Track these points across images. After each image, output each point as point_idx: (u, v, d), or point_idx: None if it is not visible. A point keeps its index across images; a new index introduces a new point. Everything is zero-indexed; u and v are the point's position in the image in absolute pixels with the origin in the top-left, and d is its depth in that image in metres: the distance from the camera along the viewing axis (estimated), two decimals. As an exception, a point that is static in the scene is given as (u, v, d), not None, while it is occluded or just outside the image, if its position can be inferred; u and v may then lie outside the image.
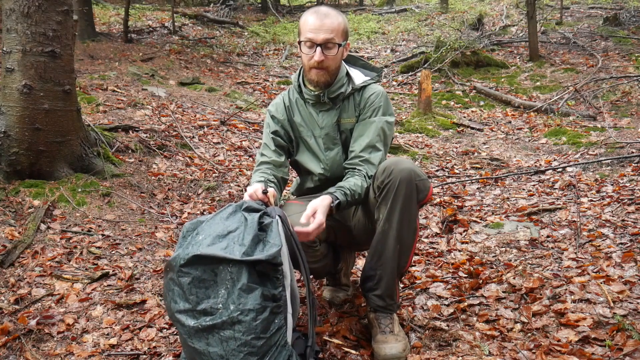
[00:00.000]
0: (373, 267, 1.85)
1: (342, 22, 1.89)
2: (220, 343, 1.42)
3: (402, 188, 1.74)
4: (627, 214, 2.95)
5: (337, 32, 1.86)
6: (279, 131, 2.05)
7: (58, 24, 3.09)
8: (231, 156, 4.47)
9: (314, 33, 1.84)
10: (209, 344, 1.43)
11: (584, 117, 5.88)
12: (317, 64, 1.87)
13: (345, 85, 1.98)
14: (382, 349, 1.80)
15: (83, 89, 5.35)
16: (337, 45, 1.87)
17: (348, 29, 1.94)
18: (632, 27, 9.17)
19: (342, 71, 1.98)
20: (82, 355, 1.87)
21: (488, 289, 2.28)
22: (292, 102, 2.07)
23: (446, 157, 4.85)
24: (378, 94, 1.99)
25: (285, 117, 2.06)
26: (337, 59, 1.92)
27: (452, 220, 3.19)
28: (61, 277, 2.38)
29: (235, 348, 1.41)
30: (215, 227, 1.51)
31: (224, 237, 1.47)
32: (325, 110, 2.00)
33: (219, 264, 1.44)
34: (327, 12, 1.88)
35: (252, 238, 1.47)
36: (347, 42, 1.95)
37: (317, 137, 2.02)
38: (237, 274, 1.42)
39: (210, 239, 1.47)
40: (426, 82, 6.17)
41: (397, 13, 13.66)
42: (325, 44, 1.84)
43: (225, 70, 8.38)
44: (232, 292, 1.42)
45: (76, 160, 3.34)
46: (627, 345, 1.76)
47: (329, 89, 1.95)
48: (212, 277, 1.44)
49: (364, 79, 2.01)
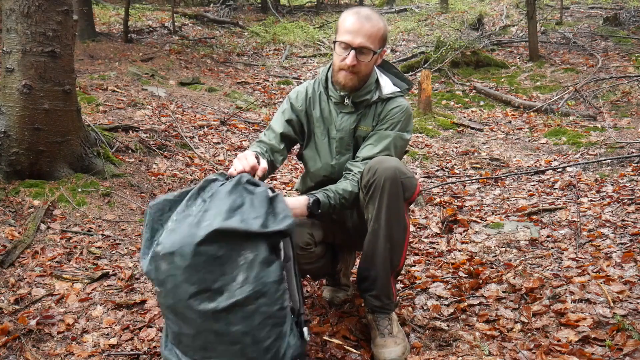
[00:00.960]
0: (367, 268, 1.85)
1: (382, 28, 1.80)
2: (243, 320, 1.38)
3: (387, 187, 1.72)
4: (627, 214, 2.95)
5: (375, 38, 1.78)
6: (293, 120, 1.99)
7: (58, 24, 3.09)
8: (231, 156, 4.47)
9: (352, 35, 1.76)
10: (229, 322, 1.38)
11: (584, 117, 5.88)
12: (348, 68, 1.80)
13: (372, 92, 1.91)
14: (382, 354, 1.80)
15: (83, 89, 5.35)
16: (372, 52, 1.79)
17: (386, 36, 1.84)
18: (632, 27, 9.17)
19: (372, 77, 1.91)
20: (82, 355, 1.87)
21: (488, 289, 2.28)
22: (315, 94, 1.99)
23: (446, 157, 4.85)
24: (402, 108, 1.92)
25: (303, 107, 1.99)
26: (370, 66, 1.85)
27: (452, 220, 3.19)
28: (61, 277, 2.38)
29: (261, 322, 1.40)
30: (220, 202, 1.44)
31: (234, 211, 1.42)
32: (346, 112, 1.93)
33: (238, 238, 1.38)
34: (368, 15, 1.79)
35: (266, 211, 1.44)
36: (384, 49, 1.87)
37: (332, 138, 1.96)
38: (256, 247, 1.39)
39: (223, 213, 1.40)
40: (426, 82, 6.17)
41: (397, 13, 13.67)
42: (360, 49, 1.77)
43: (225, 70, 8.38)
44: (253, 266, 1.39)
45: (76, 160, 3.34)
46: (627, 345, 1.76)
47: (355, 93, 1.89)
48: (229, 252, 1.39)
49: (392, 89, 1.94)
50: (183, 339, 1.47)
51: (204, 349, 1.44)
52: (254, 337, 1.40)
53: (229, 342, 1.40)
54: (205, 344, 1.43)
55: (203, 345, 1.43)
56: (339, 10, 14.87)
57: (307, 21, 13.12)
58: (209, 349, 1.43)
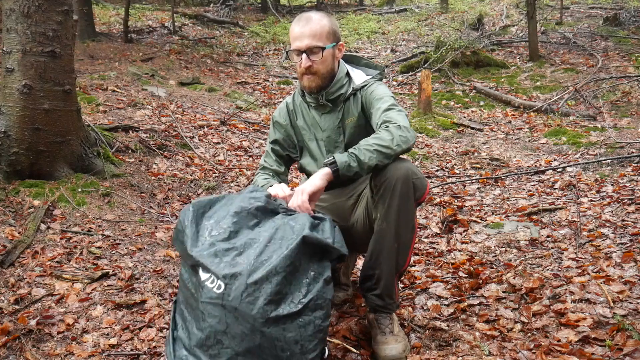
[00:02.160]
0: (372, 267, 1.85)
1: (326, 25, 1.87)
2: (298, 328, 1.47)
3: (399, 186, 1.73)
4: (627, 214, 2.95)
5: (320, 35, 1.85)
6: (280, 140, 2.09)
7: (58, 24, 3.09)
8: (231, 156, 4.47)
9: (299, 40, 1.86)
10: (285, 329, 1.46)
11: (584, 117, 5.88)
12: (306, 70, 1.88)
13: (345, 86, 1.97)
14: (382, 350, 1.80)
15: (83, 89, 5.35)
16: (322, 49, 1.86)
17: (335, 30, 1.91)
18: (632, 27, 9.17)
19: (340, 72, 1.97)
20: (82, 355, 1.87)
21: (488, 289, 2.28)
22: (296, 106, 2.08)
23: (446, 157, 4.85)
24: (378, 86, 1.96)
25: (287, 121, 2.08)
26: (327, 62, 1.90)
27: (452, 220, 3.19)
28: (61, 277, 2.38)
29: (312, 334, 1.48)
30: (302, 217, 1.61)
31: (315, 227, 1.58)
32: (327, 113, 2.00)
33: (316, 250, 1.53)
34: (309, 17, 1.88)
35: (333, 234, 1.60)
36: (340, 43, 1.93)
37: (319, 139, 2.02)
38: (323, 265, 1.55)
39: (307, 228, 1.54)
40: (426, 82, 6.17)
41: (397, 13, 13.66)
42: (309, 50, 1.85)
43: (225, 70, 8.38)
44: (316, 282, 1.51)
45: (76, 160, 3.34)
46: (627, 345, 1.76)
47: (326, 91, 1.95)
48: (305, 264, 1.52)
49: (364, 78, 2.00)
50: (226, 340, 1.47)
51: (249, 352, 1.46)
52: (303, 347, 1.48)
53: (279, 348, 1.46)
54: (252, 347, 1.45)
55: (249, 348, 1.45)
56: (339, 10, 14.88)
57: (307, 21, 13.09)
58: (254, 352, 1.46)
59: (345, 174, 1.70)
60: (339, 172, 1.70)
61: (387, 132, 1.73)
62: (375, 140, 1.72)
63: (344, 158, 1.70)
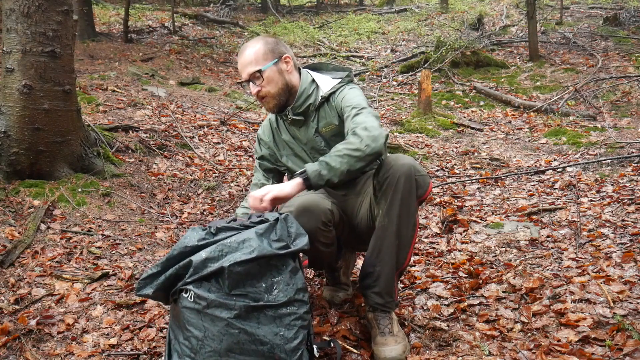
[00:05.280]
0: (372, 263, 1.85)
1: (260, 48, 1.89)
2: (273, 320, 1.50)
3: (402, 183, 1.74)
4: (627, 214, 2.95)
5: (255, 60, 1.88)
6: (265, 155, 2.15)
7: (58, 24, 3.09)
8: (231, 156, 4.47)
9: (242, 72, 1.92)
10: (260, 322, 1.48)
11: (584, 117, 5.88)
12: (257, 96, 1.92)
13: (313, 95, 1.98)
14: (382, 352, 1.80)
15: (83, 89, 5.35)
16: (260, 72, 1.87)
17: (273, 47, 1.91)
18: (632, 27, 9.17)
19: (304, 82, 1.97)
20: (82, 355, 1.87)
21: (488, 289, 2.28)
22: (278, 122, 2.12)
23: (446, 157, 4.85)
24: (348, 90, 1.95)
25: (271, 138, 2.13)
26: (274, 81, 1.91)
27: (452, 220, 3.19)
28: (61, 277, 2.38)
29: (289, 322, 1.52)
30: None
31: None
32: (303, 126, 2.02)
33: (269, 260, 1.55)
34: (244, 47, 1.93)
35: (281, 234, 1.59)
36: (285, 56, 1.92)
37: (306, 151, 2.06)
38: (284, 261, 1.56)
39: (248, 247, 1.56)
40: (426, 82, 6.17)
41: (397, 13, 13.67)
42: (251, 78, 1.89)
43: (225, 70, 8.38)
44: (280, 274, 1.54)
45: (76, 160, 3.34)
46: (627, 345, 1.76)
47: (292, 106, 1.97)
48: (257, 270, 1.54)
49: (332, 84, 1.99)
50: (207, 343, 1.49)
51: (231, 351, 1.47)
52: (283, 337, 1.50)
53: (258, 341, 1.47)
54: (232, 345, 1.47)
55: (229, 347, 1.47)
56: (339, 10, 14.89)
57: (307, 21, 13.13)
58: (235, 350, 1.47)
59: (317, 182, 1.72)
60: (310, 182, 1.72)
61: (355, 136, 1.75)
62: (344, 146, 1.74)
63: (315, 167, 1.72)
